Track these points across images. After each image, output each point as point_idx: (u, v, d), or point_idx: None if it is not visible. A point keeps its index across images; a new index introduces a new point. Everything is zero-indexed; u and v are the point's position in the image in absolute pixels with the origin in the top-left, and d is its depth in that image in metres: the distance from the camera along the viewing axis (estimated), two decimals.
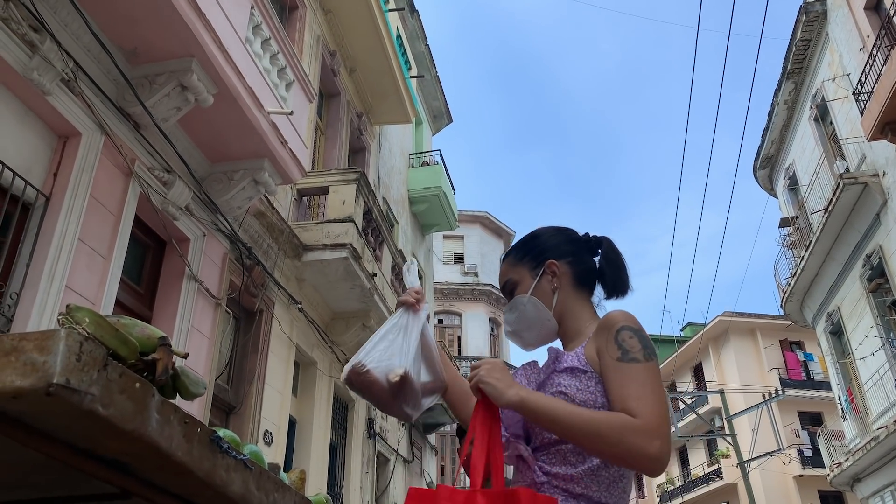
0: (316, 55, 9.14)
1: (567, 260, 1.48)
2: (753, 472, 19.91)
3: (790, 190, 16.32)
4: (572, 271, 1.48)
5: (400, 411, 1.43)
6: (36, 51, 4.28)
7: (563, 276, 1.47)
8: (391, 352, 1.41)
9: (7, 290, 4.23)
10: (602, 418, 1.19)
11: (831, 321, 14.71)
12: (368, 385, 1.40)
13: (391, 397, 1.40)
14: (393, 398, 1.40)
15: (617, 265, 1.49)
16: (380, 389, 1.39)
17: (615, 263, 1.49)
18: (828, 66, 13.50)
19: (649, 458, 1.14)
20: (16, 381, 0.75)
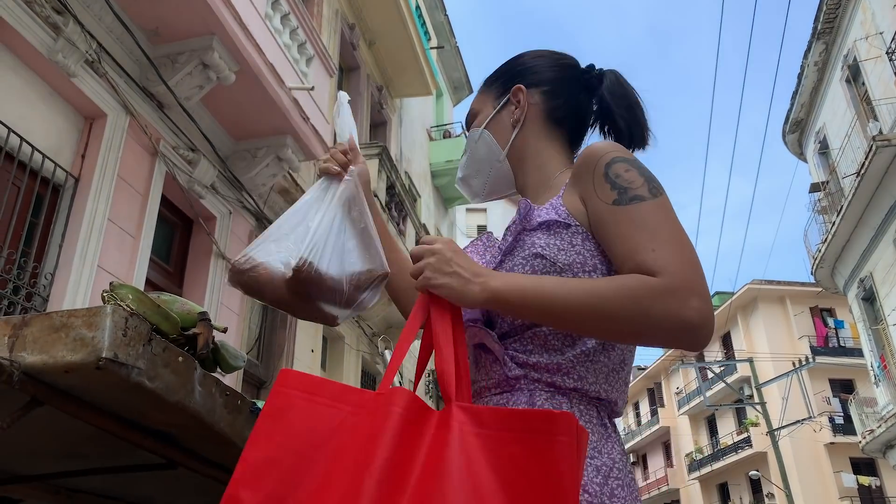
0: (335, 29, 9.09)
1: (542, 89, 1.12)
2: (783, 440, 19.83)
3: (821, 154, 15.96)
4: (546, 104, 1.12)
5: (319, 313, 1.08)
6: (60, 33, 4.31)
7: (532, 107, 1.12)
8: (295, 237, 1.08)
9: (42, 271, 4.33)
10: (610, 287, 0.85)
11: (863, 287, 14.46)
12: (258, 285, 1.06)
13: (296, 298, 1.05)
14: (301, 299, 1.05)
15: (629, 103, 1.11)
16: (275, 289, 1.05)
17: (626, 100, 1.11)
18: (860, 25, 13.08)
19: (690, 325, 0.82)
20: (67, 356, 0.78)
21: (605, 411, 0.94)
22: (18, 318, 0.82)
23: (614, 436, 0.93)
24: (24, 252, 4.22)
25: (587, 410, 0.92)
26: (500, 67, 1.19)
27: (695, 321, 0.82)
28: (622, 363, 0.96)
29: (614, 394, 0.95)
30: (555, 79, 1.13)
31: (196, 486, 1.39)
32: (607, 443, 0.91)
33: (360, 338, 8.89)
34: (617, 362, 0.95)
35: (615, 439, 0.93)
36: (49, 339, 0.79)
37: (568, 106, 1.12)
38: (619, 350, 0.95)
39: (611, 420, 0.95)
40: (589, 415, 0.91)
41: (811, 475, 22.84)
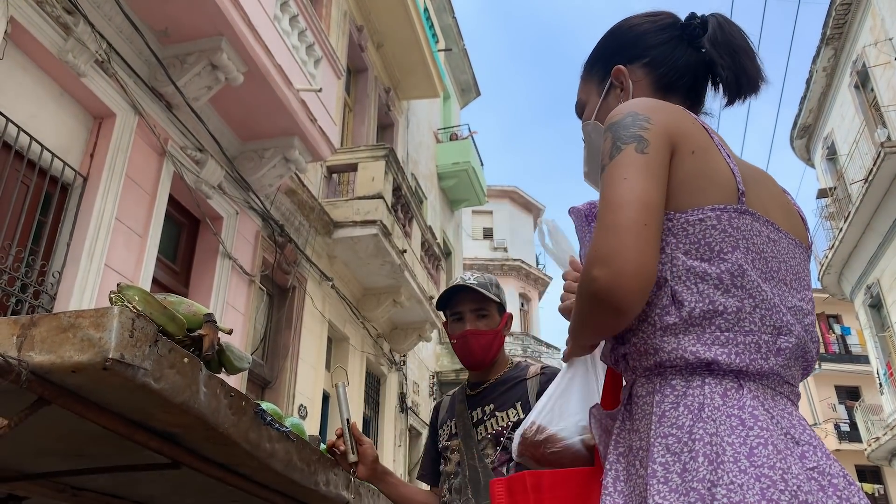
0: (343, 31, 9.12)
1: (643, 61, 1.06)
2: None
3: (828, 160, 15.90)
4: (651, 75, 1.05)
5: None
6: (70, 33, 4.34)
7: (638, 84, 1.05)
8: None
9: (49, 269, 4.36)
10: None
11: (870, 294, 14.39)
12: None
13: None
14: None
15: (732, 49, 1.01)
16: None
17: (729, 47, 1.01)
18: (869, 31, 13.03)
19: (595, 297, 0.82)
20: (74, 357, 0.78)
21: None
22: (27, 318, 0.83)
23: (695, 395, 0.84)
24: (33, 250, 4.25)
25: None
26: (595, 48, 1.13)
27: (596, 289, 0.81)
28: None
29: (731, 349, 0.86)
30: (653, 45, 1.06)
31: (200, 486, 1.40)
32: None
33: (364, 339, 8.90)
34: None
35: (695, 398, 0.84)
36: (57, 340, 0.80)
37: (675, 70, 1.05)
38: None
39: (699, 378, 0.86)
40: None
41: None
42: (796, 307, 0.92)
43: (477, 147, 14.82)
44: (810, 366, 0.94)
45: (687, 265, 0.86)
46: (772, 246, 0.92)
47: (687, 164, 0.89)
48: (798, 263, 0.96)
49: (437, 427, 1.93)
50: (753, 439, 0.79)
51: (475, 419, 1.81)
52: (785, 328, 0.87)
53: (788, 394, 0.89)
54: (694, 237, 0.87)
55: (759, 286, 0.87)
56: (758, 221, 0.91)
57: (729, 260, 0.86)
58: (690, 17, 1.07)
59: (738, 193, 0.89)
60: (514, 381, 1.82)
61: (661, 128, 0.89)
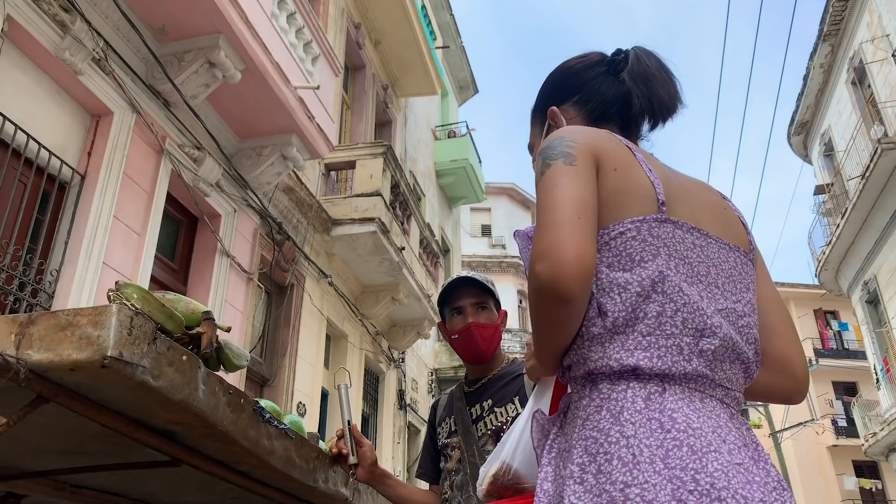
0: (341, 28, 9.10)
1: (573, 100, 1.14)
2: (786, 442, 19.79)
3: (826, 156, 15.92)
4: (583, 111, 1.13)
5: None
6: (67, 31, 4.33)
7: (572, 121, 1.13)
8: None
9: (48, 267, 4.35)
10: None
11: (868, 290, 14.42)
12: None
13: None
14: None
15: (646, 78, 1.10)
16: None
17: (643, 76, 1.10)
18: (866, 27, 13.04)
19: (541, 288, 0.85)
20: (73, 355, 0.79)
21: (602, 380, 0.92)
22: (25, 316, 0.84)
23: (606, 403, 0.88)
24: (31, 248, 4.25)
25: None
26: (537, 94, 1.22)
27: (543, 281, 0.85)
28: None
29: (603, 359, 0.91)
30: (582, 84, 1.15)
31: (199, 484, 1.40)
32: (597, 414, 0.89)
33: (363, 336, 8.90)
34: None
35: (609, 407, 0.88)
36: (55, 338, 0.81)
37: (604, 102, 1.12)
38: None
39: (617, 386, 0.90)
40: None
41: (813, 478, 22.79)
42: (728, 309, 0.95)
43: (475, 144, 14.81)
44: (750, 368, 0.96)
45: (610, 277, 0.90)
46: (698, 251, 0.96)
47: (610, 180, 0.95)
48: (732, 267, 1.00)
49: (435, 425, 1.93)
50: (670, 441, 0.82)
51: (474, 416, 1.81)
52: (708, 330, 0.90)
53: (722, 397, 0.91)
54: (616, 250, 0.92)
55: (681, 290, 0.90)
56: (681, 229, 0.95)
57: (649, 267, 0.90)
58: (616, 53, 1.16)
59: (658, 203, 0.94)
60: (511, 377, 1.82)
61: (584, 147, 0.95)
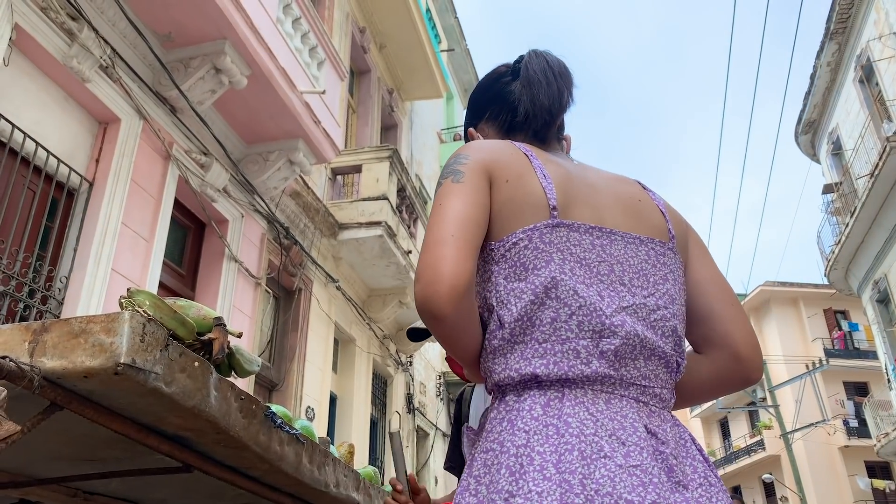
0: (346, 32, 9.12)
1: (485, 118, 1.15)
2: (797, 443, 19.66)
3: (834, 155, 15.83)
4: (495, 126, 1.14)
5: None
6: (74, 39, 4.35)
7: (489, 136, 1.14)
8: None
9: (57, 274, 4.37)
10: None
11: (878, 289, 14.32)
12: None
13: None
14: None
15: (529, 82, 1.09)
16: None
17: (527, 80, 1.10)
18: (873, 25, 12.97)
19: (420, 309, 0.87)
20: (86, 362, 0.79)
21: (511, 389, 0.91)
22: (38, 323, 0.84)
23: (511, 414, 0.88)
24: (40, 256, 4.27)
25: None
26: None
27: (418, 303, 0.86)
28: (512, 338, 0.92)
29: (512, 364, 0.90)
30: (489, 100, 1.15)
31: (211, 490, 1.40)
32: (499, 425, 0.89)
33: (371, 340, 8.90)
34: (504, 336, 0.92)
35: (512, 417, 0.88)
36: (68, 345, 0.81)
37: (509, 112, 1.12)
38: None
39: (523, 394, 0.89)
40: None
41: (825, 479, 22.63)
42: (637, 305, 0.93)
43: None
44: (671, 362, 0.94)
45: (507, 288, 0.90)
46: (598, 251, 0.95)
47: (503, 192, 0.95)
48: (644, 260, 0.98)
49: (460, 420, 1.87)
50: (563, 446, 0.81)
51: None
52: (607, 330, 0.89)
53: (637, 395, 0.89)
54: (511, 261, 0.92)
55: (576, 293, 0.89)
56: (576, 231, 0.95)
57: (541, 274, 0.90)
58: (517, 60, 1.15)
59: (550, 209, 0.94)
60: None
61: (476, 162, 0.96)
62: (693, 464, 0.87)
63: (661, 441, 0.86)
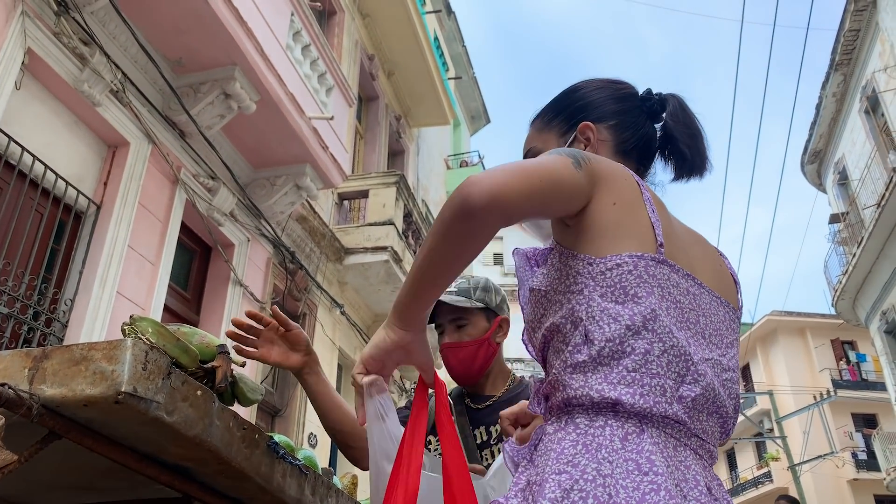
0: (354, 59, 9.22)
1: (610, 123, 1.10)
2: (805, 475, 19.35)
3: (840, 185, 15.83)
4: (615, 139, 1.10)
5: None
6: (86, 63, 4.41)
7: (602, 144, 1.09)
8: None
9: (62, 297, 4.37)
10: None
11: (886, 320, 14.20)
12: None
13: None
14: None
15: (690, 129, 1.10)
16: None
17: (687, 127, 1.10)
18: (878, 57, 13.05)
19: (461, 195, 0.84)
20: (86, 390, 0.77)
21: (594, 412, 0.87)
22: (38, 350, 0.82)
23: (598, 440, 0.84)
24: (45, 278, 4.27)
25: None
26: (556, 102, 1.16)
27: (464, 187, 0.83)
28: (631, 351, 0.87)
29: (623, 390, 0.85)
30: (619, 111, 1.12)
31: None
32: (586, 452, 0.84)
33: None
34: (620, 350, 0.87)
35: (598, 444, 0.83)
36: (69, 373, 0.79)
37: (636, 137, 1.11)
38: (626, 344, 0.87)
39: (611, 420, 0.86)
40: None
41: None
42: (714, 360, 0.93)
43: None
44: (728, 424, 0.94)
45: (602, 307, 0.88)
46: (691, 299, 0.95)
47: (608, 213, 0.93)
48: (721, 321, 0.98)
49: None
50: (647, 485, 0.78)
51: (479, 440, 1.58)
52: (690, 376, 0.87)
53: (696, 448, 0.88)
54: (610, 280, 0.89)
55: (671, 332, 0.88)
56: (676, 273, 0.93)
57: (643, 304, 0.87)
58: (648, 93, 1.14)
59: (657, 244, 0.92)
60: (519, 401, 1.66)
61: (592, 168, 0.93)
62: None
63: (715, 498, 0.85)
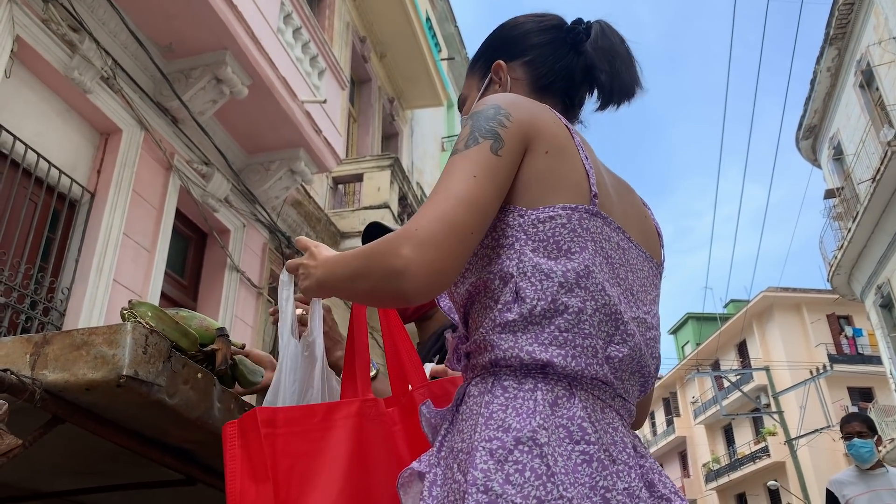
0: (346, 42, 9.15)
1: (524, 59, 1.03)
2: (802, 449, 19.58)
3: (835, 160, 15.84)
4: (530, 75, 1.03)
5: None
6: (76, 50, 4.37)
7: (516, 83, 1.03)
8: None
9: (59, 285, 4.36)
10: (358, 249, 0.85)
11: (881, 294, 14.29)
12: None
13: None
14: None
15: (611, 54, 1.01)
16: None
17: (609, 52, 1.01)
18: (873, 30, 13.00)
19: (392, 272, 0.77)
20: (88, 374, 0.78)
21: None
22: (39, 336, 0.83)
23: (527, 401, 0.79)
24: (42, 267, 4.26)
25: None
26: (481, 45, 1.11)
27: (398, 267, 0.76)
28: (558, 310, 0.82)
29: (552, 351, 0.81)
30: (536, 44, 1.05)
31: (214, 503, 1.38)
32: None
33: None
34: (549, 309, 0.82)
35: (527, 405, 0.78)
36: (70, 357, 0.80)
37: (554, 72, 1.03)
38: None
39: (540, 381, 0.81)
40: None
41: None
42: (640, 318, 0.90)
43: None
44: (648, 383, 0.90)
45: (534, 262, 0.83)
46: (621, 253, 0.90)
47: (540, 162, 0.87)
48: (646, 277, 0.95)
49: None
50: (578, 455, 0.76)
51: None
52: (619, 336, 0.84)
53: (620, 408, 0.85)
54: (543, 234, 0.84)
55: (604, 289, 0.83)
56: (609, 226, 0.89)
57: (576, 259, 0.83)
58: (576, 22, 1.06)
59: (591, 195, 0.87)
60: (437, 334, 1.62)
61: (518, 126, 0.87)
62: (661, 478, 0.83)
63: (641, 455, 0.82)
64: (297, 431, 0.85)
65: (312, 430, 0.87)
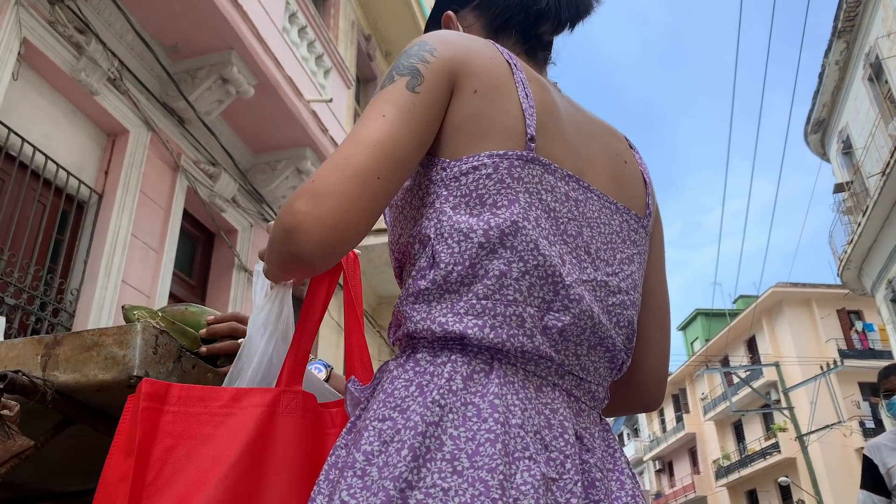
0: (351, 40, 9.15)
1: (472, 5, 0.96)
2: (813, 445, 19.49)
3: (844, 154, 15.74)
4: (482, 19, 0.95)
5: None
6: (82, 52, 4.38)
7: (470, 29, 0.96)
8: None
9: (68, 286, 4.38)
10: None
11: (892, 288, 14.20)
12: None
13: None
14: None
15: None
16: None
17: None
18: (881, 23, 12.90)
19: (284, 230, 0.69)
20: (99, 375, 0.77)
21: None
22: (50, 337, 0.82)
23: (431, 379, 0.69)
24: (51, 268, 4.28)
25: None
26: (435, 3, 1.02)
27: (288, 225, 0.68)
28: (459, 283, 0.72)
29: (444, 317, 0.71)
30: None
31: None
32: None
33: (381, 347, 8.89)
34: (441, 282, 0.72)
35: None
36: (81, 358, 0.79)
37: (505, 8, 0.93)
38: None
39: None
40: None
41: (842, 481, 22.40)
42: (598, 282, 0.77)
43: None
44: (616, 357, 0.79)
45: (454, 220, 0.72)
46: (571, 206, 0.78)
47: (468, 104, 0.76)
48: (615, 232, 0.82)
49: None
50: (484, 434, 0.64)
51: None
52: (560, 302, 0.72)
53: (572, 388, 0.74)
54: (465, 188, 0.73)
55: (537, 248, 0.72)
56: (552, 174, 0.76)
57: (501, 214, 0.72)
58: None
59: (526, 138, 0.75)
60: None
61: (442, 61, 0.77)
62: (620, 479, 0.73)
63: (587, 448, 0.72)
64: (191, 413, 0.76)
65: (209, 414, 0.77)
